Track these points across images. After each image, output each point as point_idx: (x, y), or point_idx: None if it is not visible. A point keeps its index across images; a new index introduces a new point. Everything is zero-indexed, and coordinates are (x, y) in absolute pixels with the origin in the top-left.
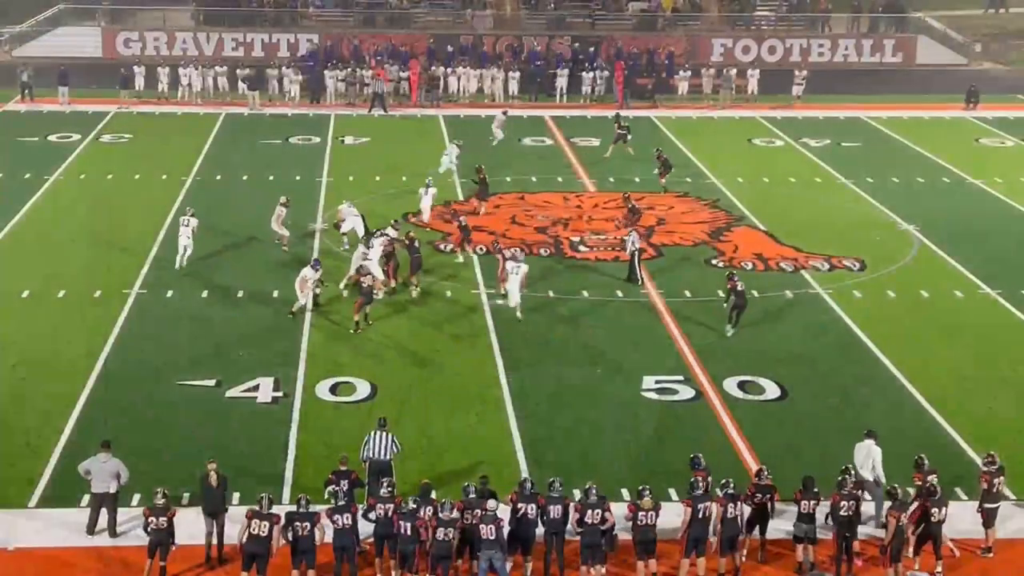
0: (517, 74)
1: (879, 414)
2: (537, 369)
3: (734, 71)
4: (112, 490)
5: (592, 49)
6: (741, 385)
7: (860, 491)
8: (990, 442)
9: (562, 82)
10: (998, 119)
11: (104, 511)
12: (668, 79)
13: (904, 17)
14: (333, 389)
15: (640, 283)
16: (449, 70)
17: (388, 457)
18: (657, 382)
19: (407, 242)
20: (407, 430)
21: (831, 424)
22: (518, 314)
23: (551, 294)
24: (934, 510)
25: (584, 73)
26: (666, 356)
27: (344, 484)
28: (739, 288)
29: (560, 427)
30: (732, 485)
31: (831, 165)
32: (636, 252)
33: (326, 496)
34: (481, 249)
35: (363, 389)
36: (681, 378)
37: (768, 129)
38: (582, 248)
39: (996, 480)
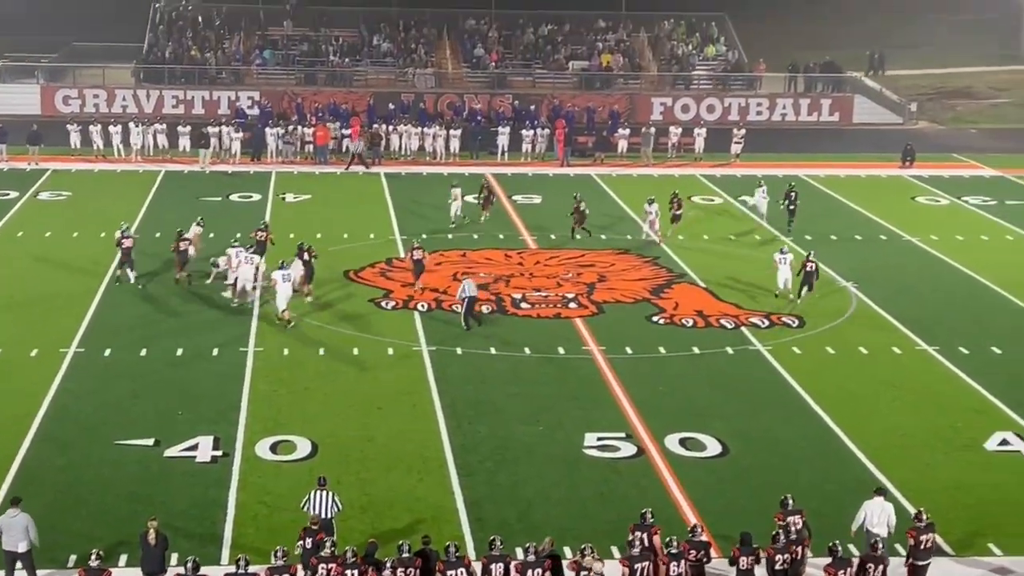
0: (458, 132)
1: (819, 470)
2: (479, 426)
3: (653, 129)
4: (21, 549)
5: (533, 107)
6: (683, 442)
7: (798, 543)
8: (928, 497)
9: (503, 140)
10: (933, 177)
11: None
12: (608, 137)
13: (840, 77)
14: (273, 448)
15: (468, 329)
16: (390, 128)
17: (329, 516)
18: (599, 439)
19: (305, 254)
20: (348, 489)
21: (772, 480)
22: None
23: (493, 351)
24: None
25: (525, 131)
26: (608, 413)
27: (308, 541)
28: (808, 269)
29: (502, 485)
30: (676, 544)
31: (770, 222)
32: (467, 300)
33: (296, 552)
34: (423, 306)
35: (304, 447)
36: (623, 435)
37: (708, 187)
38: (524, 305)
39: (924, 537)
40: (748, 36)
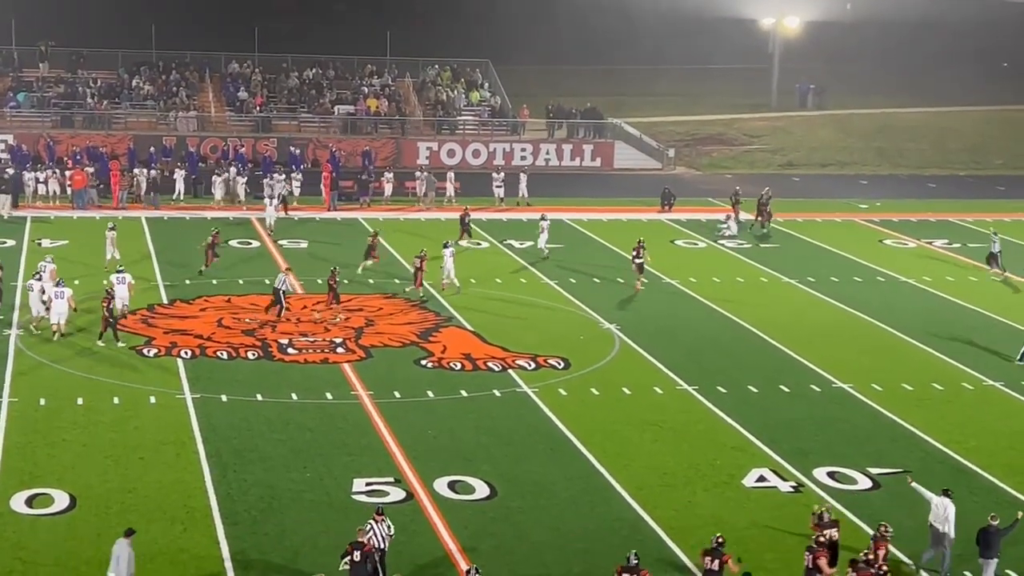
0: (222, 176)
1: (584, 509)
2: (245, 474)
3: (430, 174)
4: None
5: (298, 151)
6: (451, 485)
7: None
8: (689, 534)
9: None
10: (692, 221)
11: None
12: (375, 181)
13: (602, 123)
14: (29, 501)
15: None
16: (152, 171)
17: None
18: (368, 484)
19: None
20: (109, 543)
21: (539, 521)
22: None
23: (259, 397)
24: None
25: (290, 175)
26: (376, 457)
27: (357, 554)
28: (762, 201)
29: (269, 534)
30: None
31: (535, 266)
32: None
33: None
34: (186, 353)
35: (61, 500)
36: (392, 480)
37: (474, 231)
38: (290, 350)
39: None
40: (511, 82)
